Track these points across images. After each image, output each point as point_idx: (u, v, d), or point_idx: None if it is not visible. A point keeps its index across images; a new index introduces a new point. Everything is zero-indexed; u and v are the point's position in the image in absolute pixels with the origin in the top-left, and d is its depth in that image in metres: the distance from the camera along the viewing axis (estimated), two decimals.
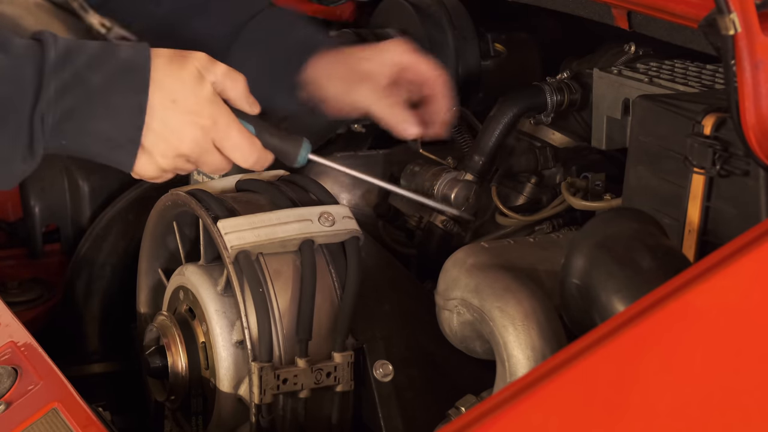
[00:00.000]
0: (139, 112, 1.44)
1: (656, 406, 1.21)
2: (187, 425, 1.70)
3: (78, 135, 1.44)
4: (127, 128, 1.45)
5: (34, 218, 2.13)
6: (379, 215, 1.93)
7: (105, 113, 1.44)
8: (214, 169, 1.54)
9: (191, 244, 1.75)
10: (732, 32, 1.32)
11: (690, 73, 1.75)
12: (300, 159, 1.60)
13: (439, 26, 2.04)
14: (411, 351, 1.61)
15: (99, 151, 1.47)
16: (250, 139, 1.53)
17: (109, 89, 1.43)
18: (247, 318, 1.54)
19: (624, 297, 1.34)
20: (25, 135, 1.42)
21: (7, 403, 1.55)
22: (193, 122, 1.48)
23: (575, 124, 1.93)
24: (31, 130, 1.41)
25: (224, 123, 1.50)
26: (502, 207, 1.80)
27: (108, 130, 1.45)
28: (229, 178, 1.73)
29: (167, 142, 1.48)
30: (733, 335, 1.26)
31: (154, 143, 1.47)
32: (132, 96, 1.44)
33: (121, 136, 1.45)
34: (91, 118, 1.43)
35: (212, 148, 1.51)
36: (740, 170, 1.41)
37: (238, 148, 1.52)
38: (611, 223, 1.41)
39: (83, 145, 1.46)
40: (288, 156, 1.59)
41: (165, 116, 1.46)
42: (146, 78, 1.45)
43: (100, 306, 2.00)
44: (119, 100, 1.44)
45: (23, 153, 1.43)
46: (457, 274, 1.56)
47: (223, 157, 1.53)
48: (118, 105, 1.44)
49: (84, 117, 1.43)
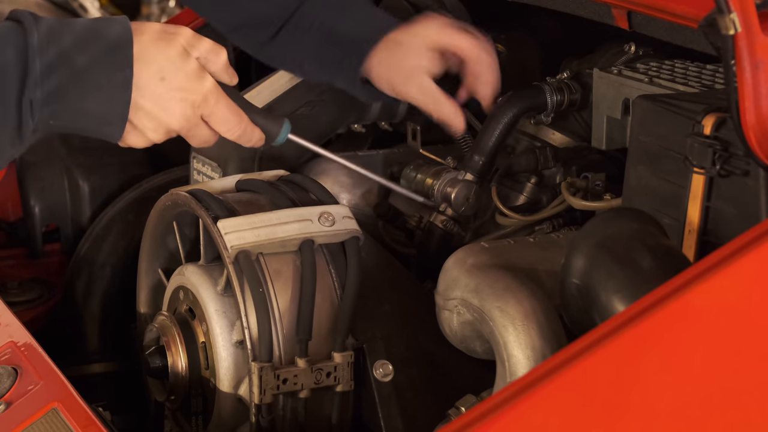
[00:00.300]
0: (125, 88, 1.46)
1: (656, 406, 1.21)
2: (187, 425, 1.70)
3: (66, 114, 1.45)
4: (116, 104, 1.46)
5: (34, 218, 2.13)
6: (379, 215, 1.93)
7: (92, 92, 1.45)
8: (201, 141, 1.57)
9: (191, 244, 1.75)
10: (732, 32, 1.32)
11: (690, 73, 1.75)
12: (280, 138, 1.63)
13: None
14: (411, 351, 1.61)
15: (88, 127, 1.49)
16: (237, 112, 1.56)
17: (94, 67, 1.44)
18: (247, 318, 1.54)
19: (624, 297, 1.34)
20: (12, 119, 1.42)
21: (7, 403, 1.55)
22: (183, 98, 1.50)
23: (575, 124, 1.93)
24: (20, 114, 1.42)
25: (213, 97, 1.53)
26: (502, 207, 1.80)
27: (96, 107, 1.46)
28: (229, 178, 1.73)
29: (157, 119, 1.50)
30: (733, 335, 1.26)
31: (144, 121, 1.49)
32: (117, 72, 1.45)
33: (110, 113, 1.47)
34: (78, 98, 1.44)
35: (201, 122, 1.54)
36: (740, 170, 1.41)
37: (225, 120, 1.55)
38: (611, 223, 1.41)
39: (72, 123, 1.47)
40: (269, 134, 1.62)
41: (154, 94, 1.48)
42: (130, 53, 1.46)
43: (100, 306, 2.00)
44: (105, 78, 1.45)
45: (11, 137, 1.43)
46: (457, 274, 1.56)
47: (210, 130, 1.56)
48: (105, 83, 1.45)
49: (71, 97, 1.44)
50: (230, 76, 1.56)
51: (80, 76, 1.44)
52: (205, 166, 1.97)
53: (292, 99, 1.99)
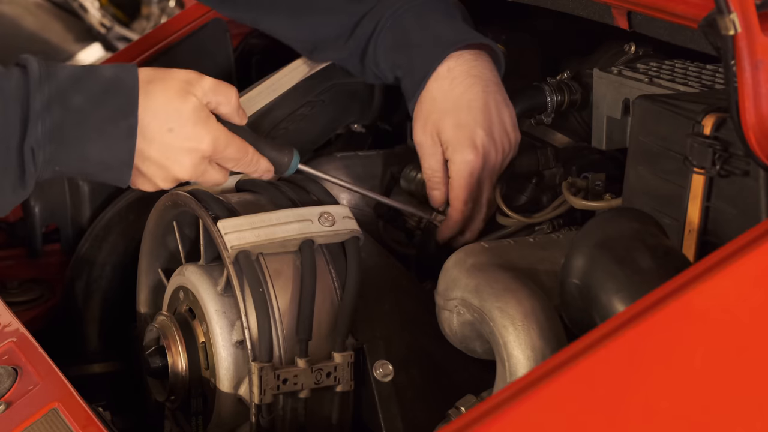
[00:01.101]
0: (129, 135, 1.46)
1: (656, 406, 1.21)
2: (187, 425, 1.70)
3: (70, 161, 1.45)
4: (119, 152, 1.46)
5: (34, 218, 2.13)
6: (379, 215, 1.93)
7: (96, 138, 1.45)
8: (212, 184, 1.57)
9: (191, 244, 1.75)
10: (732, 32, 1.32)
11: (690, 73, 1.75)
12: (290, 170, 1.66)
13: None
14: (411, 351, 1.61)
15: (93, 173, 1.49)
16: (244, 148, 1.57)
17: (97, 114, 1.44)
18: (247, 318, 1.54)
19: (624, 297, 1.34)
20: (14, 167, 1.42)
21: (7, 403, 1.55)
22: (193, 149, 1.50)
23: (575, 124, 1.93)
24: (22, 163, 1.42)
25: (223, 143, 1.53)
26: (504, 207, 1.80)
27: (100, 154, 1.46)
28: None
29: (166, 169, 1.50)
30: (733, 335, 1.26)
31: (153, 170, 1.50)
32: (121, 119, 1.45)
33: (113, 160, 1.47)
34: (82, 144, 1.44)
35: (209, 168, 1.55)
36: (740, 170, 1.41)
37: (234, 159, 1.56)
38: (611, 223, 1.41)
39: (77, 169, 1.48)
40: (279, 165, 1.65)
41: (163, 145, 1.48)
42: (135, 100, 1.45)
43: (100, 306, 2.00)
44: (109, 124, 1.45)
45: (13, 184, 1.43)
46: (457, 274, 1.56)
47: (220, 173, 1.57)
48: (108, 129, 1.45)
49: (75, 144, 1.44)
50: (240, 117, 1.57)
51: (84, 123, 1.43)
52: None
53: (292, 99, 1.99)
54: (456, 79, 1.77)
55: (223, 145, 1.53)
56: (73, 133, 1.44)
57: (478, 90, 1.77)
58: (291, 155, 1.66)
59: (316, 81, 2.01)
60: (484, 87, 1.78)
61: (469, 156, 1.76)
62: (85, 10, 4.66)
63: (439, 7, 1.85)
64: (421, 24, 1.82)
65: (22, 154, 1.42)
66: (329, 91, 2.00)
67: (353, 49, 1.87)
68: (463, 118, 1.76)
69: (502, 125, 1.78)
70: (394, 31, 1.83)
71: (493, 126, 1.77)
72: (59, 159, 1.44)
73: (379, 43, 1.83)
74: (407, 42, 1.82)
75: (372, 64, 1.86)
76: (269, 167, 1.63)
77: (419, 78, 1.80)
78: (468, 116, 1.76)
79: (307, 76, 2.01)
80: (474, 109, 1.77)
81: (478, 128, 1.76)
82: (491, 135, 1.77)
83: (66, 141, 1.44)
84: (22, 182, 1.43)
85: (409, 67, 1.81)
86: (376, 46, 1.84)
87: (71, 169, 1.47)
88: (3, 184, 1.43)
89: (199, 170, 1.53)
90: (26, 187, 1.44)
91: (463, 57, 1.79)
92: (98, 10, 4.73)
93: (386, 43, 1.83)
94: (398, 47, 1.82)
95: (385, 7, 1.84)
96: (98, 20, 4.52)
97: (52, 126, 1.42)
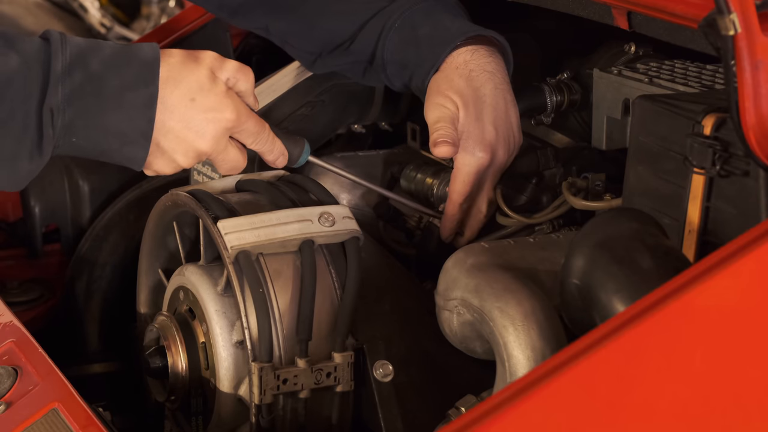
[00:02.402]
0: (149, 105, 1.45)
1: (656, 406, 1.21)
2: (187, 425, 1.70)
3: (89, 131, 1.44)
4: (139, 121, 1.46)
5: (34, 218, 2.13)
6: (379, 215, 1.93)
7: (116, 107, 1.44)
8: (230, 167, 1.56)
9: (191, 244, 1.75)
10: (732, 32, 1.32)
11: (690, 73, 1.75)
12: (301, 160, 1.66)
13: None
14: (411, 351, 1.61)
15: (110, 148, 1.47)
16: (264, 126, 1.57)
17: (119, 84, 1.44)
18: (247, 318, 1.54)
19: (624, 297, 1.34)
20: (32, 131, 1.41)
21: (7, 403, 1.55)
22: (215, 119, 1.50)
23: (575, 124, 1.93)
24: (40, 126, 1.41)
25: (244, 114, 1.54)
26: (504, 207, 1.80)
27: (119, 124, 1.45)
28: (229, 179, 1.73)
29: (187, 142, 1.49)
30: (733, 335, 1.26)
31: (174, 144, 1.49)
32: (142, 88, 1.45)
33: (132, 130, 1.46)
34: (101, 113, 1.44)
35: (230, 145, 1.54)
36: (740, 170, 1.41)
37: (254, 133, 1.56)
38: (611, 223, 1.41)
39: (94, 142, 1.46)
40: (290, 155, 1.64)
41: (184, 115, 1.48)
42: (156, 71, 1.45)
43: (100, 306, 2.00)
44: (129, 94, 1.45)
45: (30, 150, 1.42)
46: (457, 274, 1.56)
47: (239, 154, 1.56)
48: (128, 97, 1.45)
49: (95, 112, 1.43)
50: (255, 100, 1.57)
51: (104, 91, 1.43)
52: (205, 167, 1.97)
53: (293, 99, 2.00)
54: (473, 71, 1.76)
55: (245, 117, 1.53)
56: (93, 99, 1.43)
57: (491, 87, 1.77)
58: (302, 145, 1.66)
59: (316, 81, 2.01)
60: (497, 84, 1.78)
61: (479, 153, 1.75)
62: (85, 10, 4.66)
63: (446, 8, 1.85)
64: (429, 20, 1.82)
65: (41, 116, 1.41)
66: (329, 91, 2.00)
67: (358, 54, 1.87)
68: (478, 112, 1.76)
69: (510, 125, 1.78)
70: (401, 32, 1.83)
71: (503, 125, 1.77)
72: (77, 128, 1.43)
73: (386, 45, 1.83)
74: (415, 37, 1.81)
75: (379, 68, 1.86)
76: (284, 150, 1.62)
77: (429, 66, 1.78)
78: (482, 112, 1.76)
79: (307, 77, 2.01)
80: (488, 105, 1.76)
81: (489, 125, 1.76)
82: (500, 134, 1.77)
83: (85, 107, 1.43)
84: (39, 148, 1.42)
85: (418, 60, 1.80)
86: (384, 49, 1.83)
87: (88, 142, 1.46)
88: (21, 151, 1.42)
89: (221, 144, 1.52)
90: (43, 154, 1.43)
91: (479, 52, 1.78)
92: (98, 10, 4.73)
93: (394, 43, 1.83)
94: (406, 44, 1.82)
95: (393, 10, 1.84)
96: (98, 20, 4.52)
97: (72, 90, 1.42)
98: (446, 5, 1.86)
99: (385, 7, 1.85)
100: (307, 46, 1.93)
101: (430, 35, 1.80)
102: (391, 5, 1.85)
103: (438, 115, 1.74)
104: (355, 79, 1.93)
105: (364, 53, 1.86)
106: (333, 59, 1.91)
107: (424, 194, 1.89)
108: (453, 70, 1.77)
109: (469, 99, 1.75)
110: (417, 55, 1.80)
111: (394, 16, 1.83)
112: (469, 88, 1.75)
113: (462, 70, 1.76)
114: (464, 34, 1.79)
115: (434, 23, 1.81)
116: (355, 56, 1.87)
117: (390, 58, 1.83)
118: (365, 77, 1.90)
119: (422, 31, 1.81)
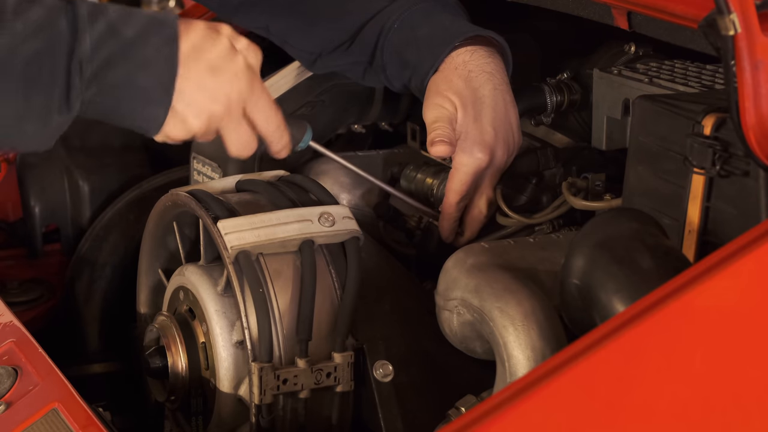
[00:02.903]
0: (171, 62, 1.46)
1: (656, 406, 1.21)
2: (187, 425, 1.70)
3: (113, 87, 1.44)
4: (162, 76, 1.46)
5: (34, 218, 2.13)
6: (379, 215, 1.93)
7: (139, 63, 1.45)
8: (240, 144, 1.55)
9: (191, 245, 1.75)
10: (732, 33, 1.32)
11: (690, 73, 1.75)
12: (302, 144, 1.66)
13: None
14: (411, 351, 1.61)
15: (131, 107, 1.47)
16: (279, 111, 1.57)
17: (141, 41, 1.45)
18: (247, 318, 1.54)
19: (624, 297, 1.34)
20: (62, 84, 1.42)
21: (7, 403, 1.55)
22: (231, 81, 1.50)
23: (575, 124, 1.93)
24: (69, 79, 1.42)
25: (259, 86, 1.54)
26: (504, 207, 1.80)
27: (143, 79, 1.45)
28: (229, 179, 1.73)
29: (201, 103, 1.49)
30: (733, 335, 1.26)
31: (186, 104, 1.48)
32: (163, 46, 1.46)
33: (155, 87, 1.46)
34: (126, 68, 1.44)
35: (242, 119, 1.54)
36: (740, 170, 1.41)
37: (266, 110, 1.55)
38: (611, 223, 1.41)
39: (117, 99, 1.45)
40: (293, 138, 1.64)
41: (201, 79, 1.48)
42: (175, 31, 1.46)
43: (100, 306, 2.00)
44: (152, 51, 1.45)
45: (59, 103, 1.42)
46: (457, 274, 1.56)
47: (251, 132, 1.55)
48: (151, 55, 1.45)
49: (119, 67, 1.44)
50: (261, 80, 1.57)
51: (128, 48, 1.44)
52: (205, 167, 1.97)
53: (293, 99, 2.00)
54: (472, 72, 1.77)
55: (260, 91, 1.54)
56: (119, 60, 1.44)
57: (491, 87, 1.77)
58: (304, 129, 1.66)
59: (316, 81, 2.01)
60: (496, 85, 1.78)
61: (477, 153, 1.75)
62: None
63: (446, 8, 1.85)
64: (428, 21, 1.82)
65: (69, 67, 1.42)
66: (329, 91, 2.00)
67: (358, 55, 1.87)
68: (476, 112, 1.76)
69: (509, 125, 1.78)
70: (400, 32, 1.83)
71: (502, 125, 1.77)
72: (104, 79, 1.44)
73: (386, 46, 1.83)
74: (414, 38, 1.81)
75: (379, 68, 1.86)
76: (289, 140, 1.62)
77: (428, 67, 1.79)
78: (481, 112, 1.76)
79: (307, 77, 2.01)
80: (487, 106, 1.76)
81: (488, 126, 1.76)
82: (499, 134, 1.77)
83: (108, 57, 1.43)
84: (67, 102, 1.42)
85: (417, 60, 1.80)
86: (383, 49, 1.84)
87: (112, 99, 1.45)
88: (49, 104, 1.43)
89: (234, 114, 1.52)
90: (71, 108, 1.43)
91: (478, 52, 1.78)
92: None
93: (393, 43, 1.83)
94: (405, 44, 1.82)
95: (392, 10, 1.85)
96: None
97: (97, 40, 1.43)
98: (446, 5, 1.86)
99: (385, 7, 1.85)
100: (307, 46, 1.93)
101: (429, 36, 1.80)
102: (391, 6, 1.85)
103: (436, 115, 1.75)
104: (355, 80, 1.93)
105: (364, 53, 1.86)
106: (333, 59, 1.91)
107: (424, 194, 1.89)
108: (452, 71, 1.77)
109: (467, 99, 1.75)
110: (416, 55, 1.80)
111: (394, 17, 1.84)
112: (467, 89, 1.75)
113: (461, 70, 1.77)
114: (463, 34, 1.79)
115: (433, 24, 1.82)
116: (355, 56, 1.88)
117: (389, 59, 1.84)
118: (365, 78, 1.90)
119: (421, 32, 1.81)
